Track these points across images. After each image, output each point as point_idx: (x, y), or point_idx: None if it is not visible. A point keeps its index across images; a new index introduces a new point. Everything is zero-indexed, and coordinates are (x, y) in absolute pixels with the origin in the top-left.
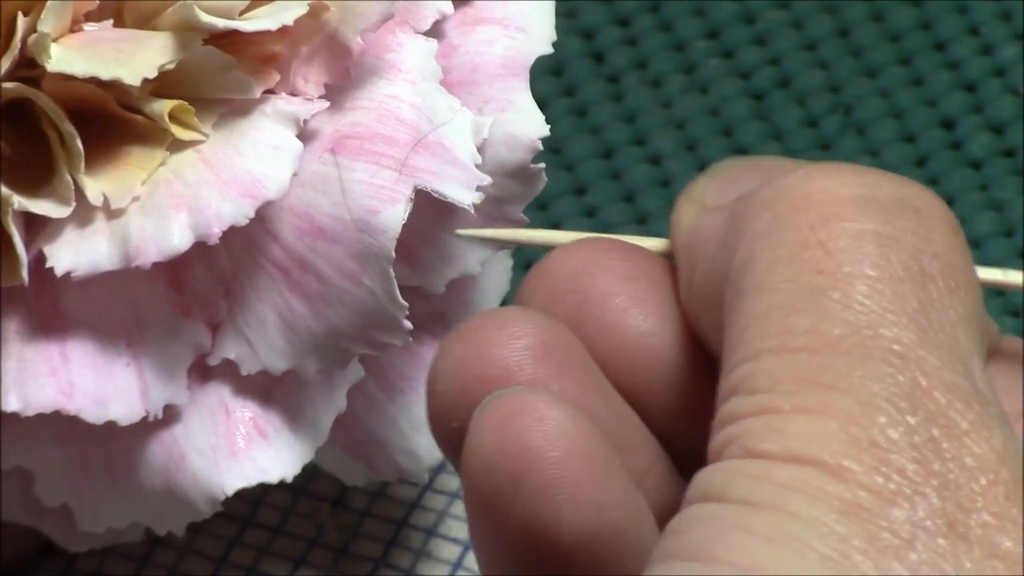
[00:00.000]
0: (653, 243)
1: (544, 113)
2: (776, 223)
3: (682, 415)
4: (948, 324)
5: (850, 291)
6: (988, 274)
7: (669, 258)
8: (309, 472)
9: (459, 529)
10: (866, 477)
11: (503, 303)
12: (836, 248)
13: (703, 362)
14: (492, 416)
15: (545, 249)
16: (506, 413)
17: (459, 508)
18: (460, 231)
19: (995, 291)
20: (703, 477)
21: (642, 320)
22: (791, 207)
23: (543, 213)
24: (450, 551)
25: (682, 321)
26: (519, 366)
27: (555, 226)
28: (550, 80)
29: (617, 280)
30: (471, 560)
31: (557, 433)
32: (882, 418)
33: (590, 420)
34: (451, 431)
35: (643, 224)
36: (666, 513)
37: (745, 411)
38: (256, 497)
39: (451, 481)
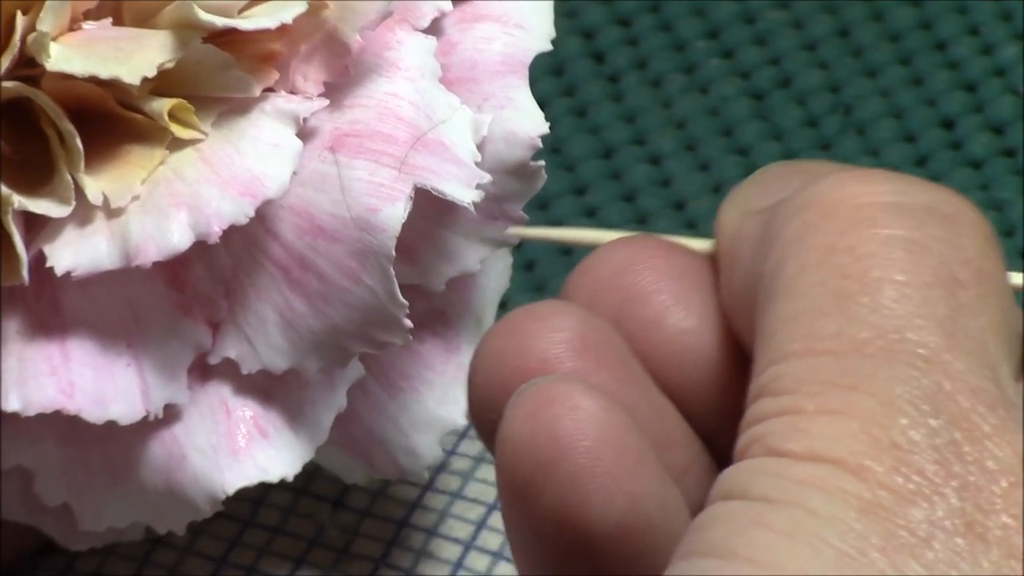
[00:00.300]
0: (698, 244)
1: (544, 113)
2: (806, 229)
3: (722, 414)
4: (977, 330)
5: (878, 296)
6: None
7: (714, 259)
8: (309, 472)
9: (460, 529)
10: (886, 477)
11: (503, 301)
12: (865, 253)
13: (743, 362)
14: (526, 404)
15: (592, 249)
16: (540, 401)
17: (460, 508)
18: (512, 229)
19: None
20: (726, 475)
21: (683, 318)
22: (821, 213)
23: (543, 213)
24: (451, 551)
25: (724, 321)
26: (558, 359)
27: (555, 225)
28: (550, 80)
29: (660, 278)
30: (472, 560)
31: (589, 423)
32: (904, 420)
33: (624, 412)
34: (490, 422)
35: (643, 224)
36: None
37: (770, 412)
38: (256, 497)
39: (452, 481)
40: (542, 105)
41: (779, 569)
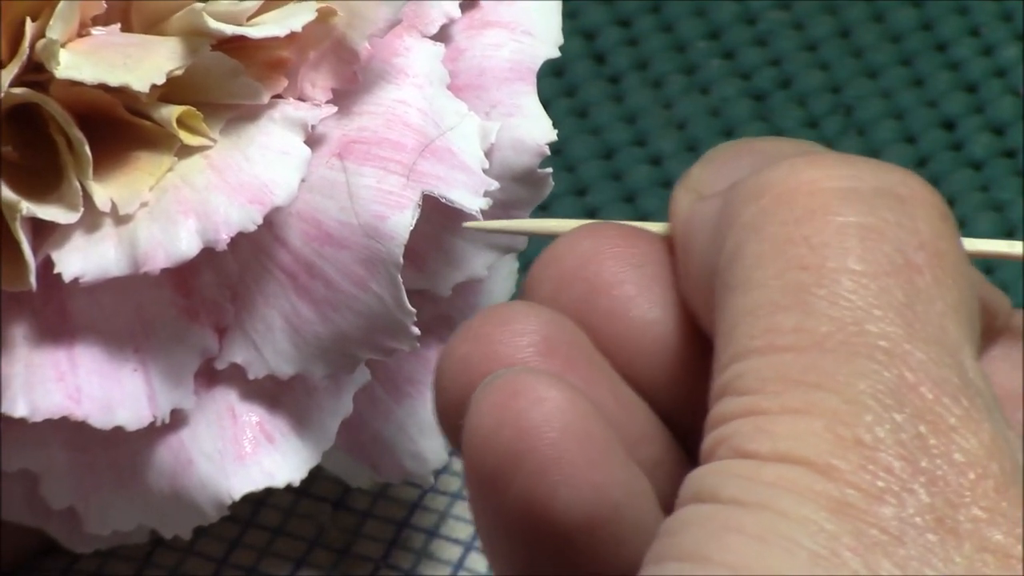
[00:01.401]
0: (659, 227)
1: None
2: (762, 217)
3: (691, 403)
4: (936, 315)
5: (835, 287)
6: (991, 246)
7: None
8: (311, 473)
9: (460, 530)
10: (853, 475)
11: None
12: (820, 243)
13: (709, 350)
14: (491, 396)
15: (551, 238)
16: (506, 393)
17: (461, 509)
18: (467, 224)
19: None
20: (695, 477)
21: (647, 309)
22: (776, 200)
23: (544, 213)
24: (451, 552)
25: (687, 308)
26: (523, 363)
27: None
28: (551, 81)
29: (623, 268)
30: (473, 561)
31: (555, 414)
32: (868, 416)
33: (591, 403)
34: (458, 428)
35: None
36: None
37: (735, 412)
38: (257, 498)
39: (452, 482)
40: (543, 106)
41: (753, 571)
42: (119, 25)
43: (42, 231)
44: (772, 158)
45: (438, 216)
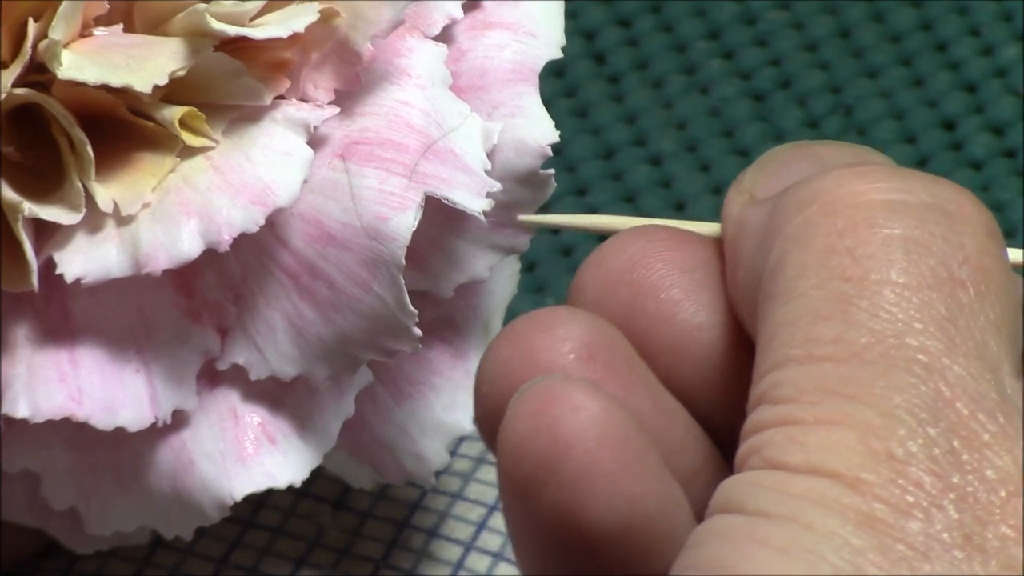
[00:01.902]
0: (710, 228)
1: None
2: (806, 228)
3: (733, 410)
4: (977, 331)
5: (877, 299)
6: None
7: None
8: (311, 473)
9: (461, 530)
10: (882, 489)
11: (509, 307)
12: (864, 255)
13: (754, 357)
14: (528, 403)
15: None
16: (542, 401)
17: (461, 509)
18: (522, 216)
19: None
20: (725, 488)
21: (694, 313)
22: (821, 211)
23: (544, 214)
24: (452, 552)
25: (734, 314)
26: (563, 370)
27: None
28: (552, 81)
29: (671, 272)
30: (473, 561)
31: (591, 423)
32: (902, 430)
33: (627, 412)
34: (495, 432)
35: None
36: None
37: (769, 422)
38: (257, 498)
39: (453, 482)
40: (543, 106)
41: None
42: (121, 25)
43: (44, 232)
44: (826, 164)
45: (440, 217)
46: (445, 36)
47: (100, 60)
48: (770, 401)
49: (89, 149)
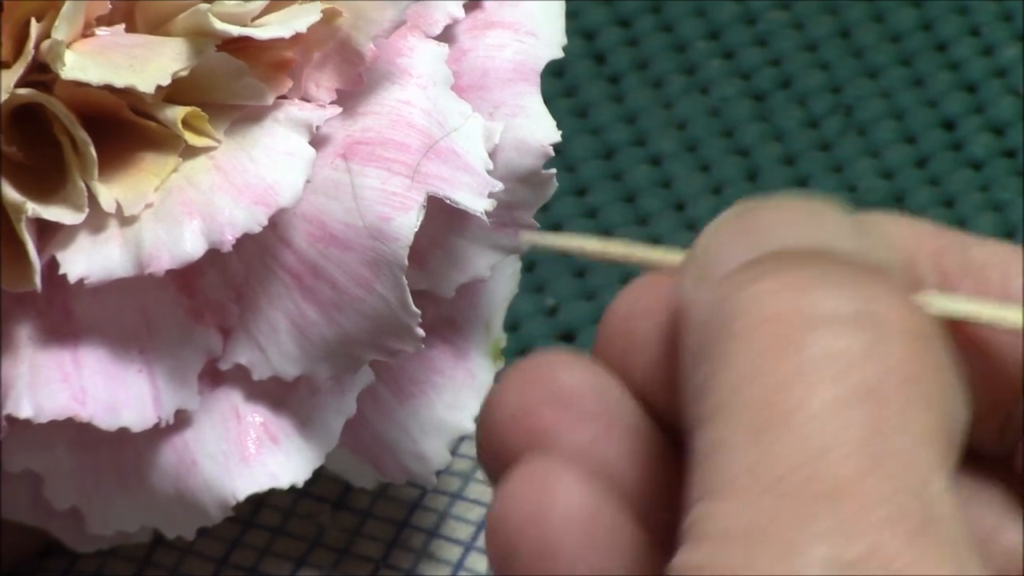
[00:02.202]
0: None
1: None
2: (736, 343)
3: None
4: (905, 444)
5: (794, 425)
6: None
7: None
8: (312, 473)
9: (461, 530)
10: None
11: (510, 307)
12: (783, 380)
13: None
14: (513, 489)
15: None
16: (525, 491)
17: (461, 509)
18: (525, 236)
19: None
20: None
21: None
22: (750, 325)
23: (544, 214)
24: (452, 552)
25: None
26: (558, 433)
27: (555, 227)
28: (552, 81)
29: (657, 325)
30: (472, 561)
31: (569, 523)
32: (816, 569)
33: (614, 500)
34: (496, 480)
35: (644, 225)
36: None
37: (690, 564)
38: (258, 498)
39: (453, 482)
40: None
41: None
42: (124, 25)
43: (47, 232)
44: (769, 245)
45: (442, 217)
46: (446, 36)
47: (103, 60)
48: (693, 539)
49: (92, 149)
